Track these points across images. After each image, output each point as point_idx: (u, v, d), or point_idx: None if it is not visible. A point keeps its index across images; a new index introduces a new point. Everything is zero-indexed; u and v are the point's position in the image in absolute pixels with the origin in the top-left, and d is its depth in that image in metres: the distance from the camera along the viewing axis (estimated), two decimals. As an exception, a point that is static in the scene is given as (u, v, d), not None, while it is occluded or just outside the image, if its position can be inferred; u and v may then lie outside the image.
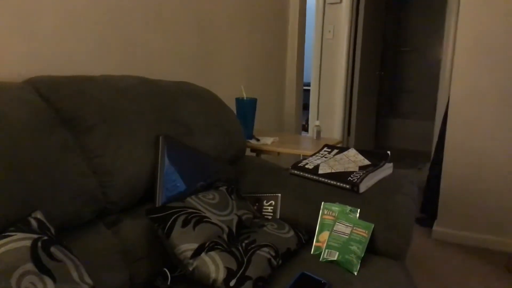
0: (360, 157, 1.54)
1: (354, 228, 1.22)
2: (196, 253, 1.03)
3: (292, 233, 1.25)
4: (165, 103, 1.34)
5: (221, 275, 1.00)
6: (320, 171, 1.43)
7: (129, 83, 1.28)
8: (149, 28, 1.68)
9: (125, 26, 1.57)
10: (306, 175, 1.46)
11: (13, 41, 1.19)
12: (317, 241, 1.25)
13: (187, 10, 1.89)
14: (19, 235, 0.78)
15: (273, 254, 1.11)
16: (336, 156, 1.57)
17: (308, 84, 3.83)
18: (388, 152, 1.52)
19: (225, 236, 1.11)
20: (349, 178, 1.36)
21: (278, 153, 1.95)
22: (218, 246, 1.06)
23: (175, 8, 1.81)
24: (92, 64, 1.45)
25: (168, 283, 1.07)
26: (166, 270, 1.09)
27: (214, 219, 1.13)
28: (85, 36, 1.41)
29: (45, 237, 0.81)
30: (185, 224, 1.07)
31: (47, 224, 0.86)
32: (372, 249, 1.23)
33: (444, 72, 3.20)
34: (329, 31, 3.64)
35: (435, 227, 2.54)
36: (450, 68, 3.05)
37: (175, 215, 1.08)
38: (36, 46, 1.26)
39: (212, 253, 1.04)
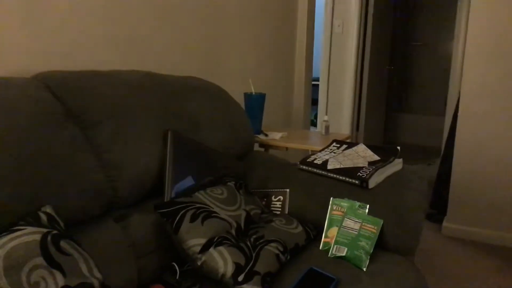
0: (370, 152, 1.53)
1: (363, 224, 1.21)
2: (205, 248, 1.03)
3: (300, 228, 1.24)
4: (173, 98, 1.34)
5: (230, 270, 1.00)
6: (329, 167, 1.42)
7: (136, 78, 1.28)
8: (156, 23, 1.68)
9: (132, 21, 1.57)
10: (315, 170, 1.45)
11: (21, 36, 1.20)
12: (326, 236, 1.25)
13: (194, 4, 1.89)
14: (29, 229, 0.79)
15: (281, 249, 1.10)
16: (345, 152, 1.56)
17: (317, 79, 3.81)
18: (398, 147, 1.51)
19: (233, 231, 1.11)
20: (358, 173, 1.35)
21: (287, 148, 1.94)
22: (227, 241, 1.06)
23: (182, 1, 1.81)
24: (100, 59, 1.45)
25: (177, 277, 1.08)
26: (175, 265, 1.10)
27: (222, 214, 1.13)
28: (92, 31, 1.41)
29: (55, 231, 0.82)
30: (193, 219, 1.07)
31: (57, 218, 0.87)
32: (381, 245, 1.23)
33: (454, 67, 3.16)
34: (338, 25, 3.61)
35: (445, 223, 2.52)
36: (461, 63, 3.01)
37: (184, 210, 1.08)
38: (45, 41, 1.26)
39: (220, 248, 1.04)
